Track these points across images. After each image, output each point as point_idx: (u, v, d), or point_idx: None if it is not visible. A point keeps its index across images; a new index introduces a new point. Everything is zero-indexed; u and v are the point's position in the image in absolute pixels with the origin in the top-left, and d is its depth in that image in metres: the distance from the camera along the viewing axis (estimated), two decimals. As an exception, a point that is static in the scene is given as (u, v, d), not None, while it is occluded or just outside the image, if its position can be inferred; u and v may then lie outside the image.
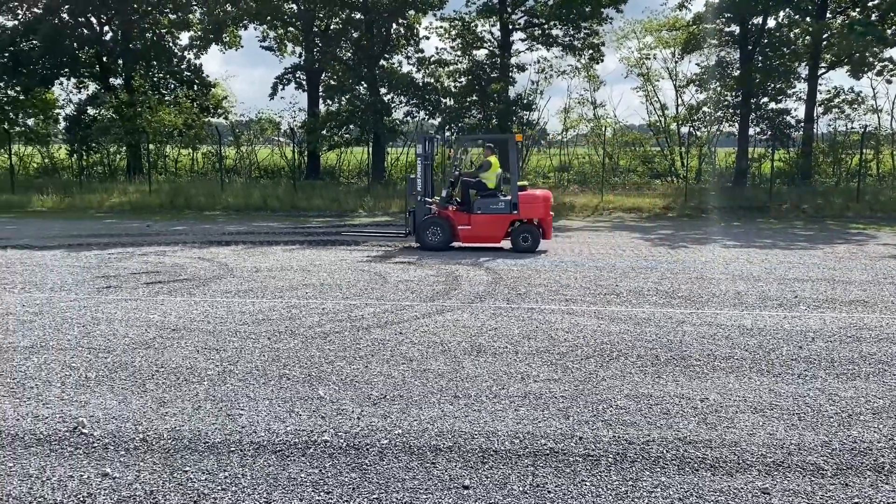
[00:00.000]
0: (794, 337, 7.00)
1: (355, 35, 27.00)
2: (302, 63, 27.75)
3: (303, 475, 4.10)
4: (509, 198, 12.71)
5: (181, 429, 4.70)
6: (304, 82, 27.95)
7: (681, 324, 7.49)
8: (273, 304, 8.30)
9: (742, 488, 3.99)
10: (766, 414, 5.02)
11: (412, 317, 7.73)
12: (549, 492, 3.93)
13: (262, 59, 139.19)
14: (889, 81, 25.65)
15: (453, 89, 27.04)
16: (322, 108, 27.74)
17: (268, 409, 5.03)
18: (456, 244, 12.96)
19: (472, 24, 26.71)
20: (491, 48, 27.11)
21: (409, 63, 27.84)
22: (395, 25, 26.84)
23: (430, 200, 13.04)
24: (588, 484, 4.02)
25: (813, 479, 4.11)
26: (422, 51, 27.58)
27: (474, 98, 26.55)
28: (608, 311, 8.08)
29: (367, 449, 4.43)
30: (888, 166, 27.18)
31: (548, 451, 4.41)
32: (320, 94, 27.91)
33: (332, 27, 27.54)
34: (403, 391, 5.41)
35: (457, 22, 26.60)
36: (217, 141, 26.92)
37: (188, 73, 29.21)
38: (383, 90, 26.91)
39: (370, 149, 27.20)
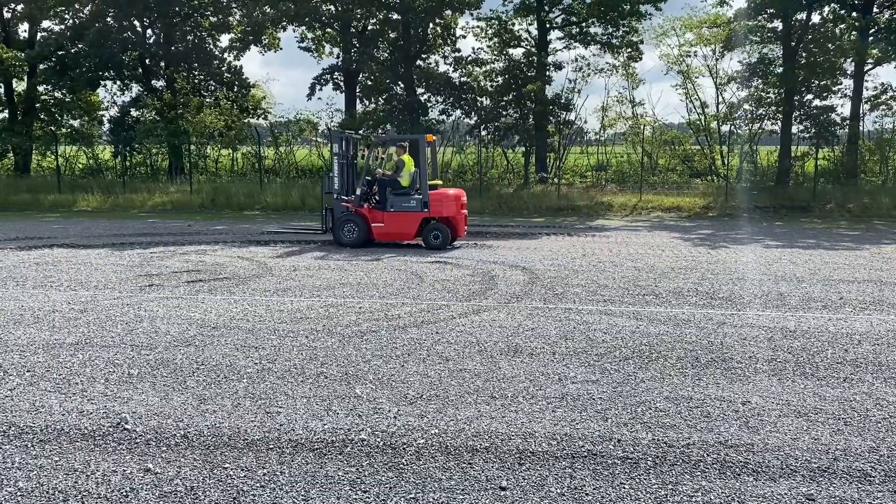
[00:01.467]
0: (840, 339, 6.83)
1: (392, 35, 27.12)
2: (339, 64, 27.95)
3: (340, 474, 4.12)
4: (421, 196, 12.84)
5: (221, 426, 4.76)
6: (341, 83, 28.15)
7: (721, 325, 7.36)
8: (311, 303, 8.36)
9: (786, 494, 3.90)
10: (811, 418, 4.90)
11: (448, 316, 7.73)
12: (586, 494, 3.89)
13: (301, 61, 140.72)
14: (939, 77, 24.96)
15: (490, 89, 26.98)
16: (359, 108, 27.92)
17: (305, 408, 5.07)
18: (378, 241, 13.18)
19: (509, 23, 26.61)
20: (528, 47, 26.99)
21: (445, 63, 27.93)
22: (431, 25, 26.90)
23: (347, 199, 13.17)
24: (627, 487, 3.97)
25: (860, 485, 4.00)
26: (458, 50, 27.62)
27: (511, 97, 26.45)
28: (647, 311, 7.98)
29: (404, 448, 4.43)
30: (938, 164, 26.39)
31: (586, 453, 4.37)
32: (357, 94, 28.09)
33: (369, 28, 27.70)
34: (440, 391, 5.40)
35: (493, 21, 26.52)
36: (256, 141, 27.27)
37: (228, 75, 29.62)
38: (420, 90, 26.98)
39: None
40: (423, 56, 27.40)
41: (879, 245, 13.63)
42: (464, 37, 37.51)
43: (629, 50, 26.74)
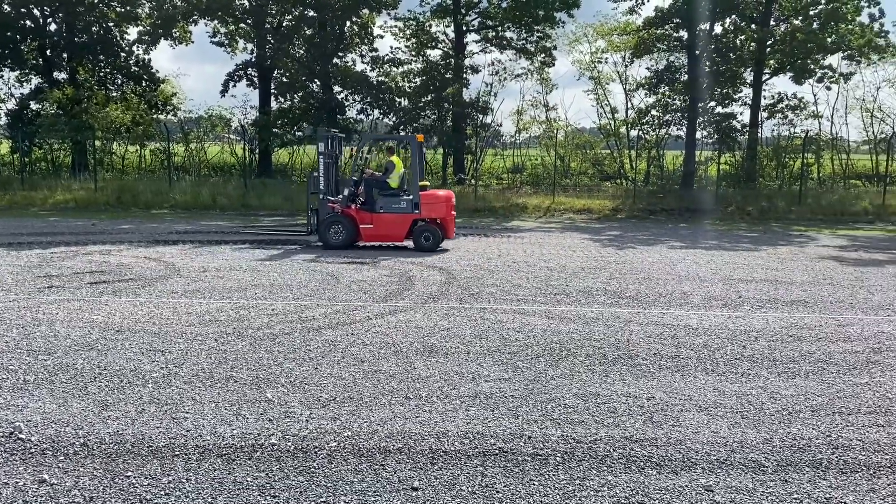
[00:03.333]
0: (738, 336, 7.17)
1: (308, 32, 26.76)
2: (253, 60, 27.38)
3: (249, 479, 4.03)
4: (411, 197, 12.88)
5: (124, 433, 4.58)
6: (255, 79, 27.57)
7: (628, 323, 7.61)
8: (221, 305, 8.16)
9: (687, 486, 4.06)
10: (711, 412, 5.13)
11: (364, 317, 7.69)
12: (497, 492, 3.94)
13: (215, 56, 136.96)
14: (829, 88, 26.64)
15: (408, 89, 27.00)
16: (274, 105, 27.42)
17: (214, 412, 4.94)
18: (361, 243, 13.08)
19: (427, 25, 26.72)
20: (445, 49, 27.16)
21: (363, 62, 27.75)
22: (348, 23, 26.69)
23: (333, 199, 13.09)
24: (536, 483, 4.05)
25: (754, 475, 4.21)
26: (376, 50, 27.54)
27: (429, 99, 26.54)
28: (558, 310, 8.15)
29: (316, 452, 4.38)
30: (828, 170, 28.10)
31: (497, 451, 4.43)
32: (272, 91, 27.57)
33: (284, 24, 27.24)
34: (354, 393, 5.37)
35: (411, 22, 26.59)
36: (165, 138, 26.38)
37: (136, 69, 28.54)
38: (337, 88, 26.73)
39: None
40: (340, 54, 27.17)
41: (776, 246, 14.37)
42: (381, 36, 37.38)
43: (543, 55, 27.28)
